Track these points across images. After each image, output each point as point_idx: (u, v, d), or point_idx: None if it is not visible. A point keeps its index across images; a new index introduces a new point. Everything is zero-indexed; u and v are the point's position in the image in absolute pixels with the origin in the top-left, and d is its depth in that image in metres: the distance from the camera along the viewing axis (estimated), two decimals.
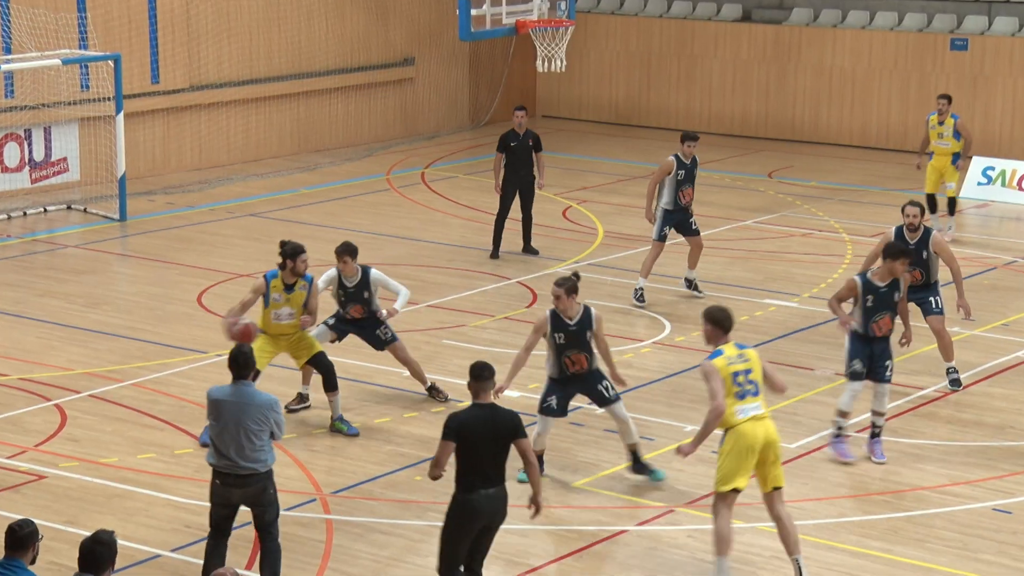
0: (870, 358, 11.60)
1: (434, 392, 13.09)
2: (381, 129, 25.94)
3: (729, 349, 9.45)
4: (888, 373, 11.58)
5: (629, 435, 11.32)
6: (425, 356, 13.83)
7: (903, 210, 13.02)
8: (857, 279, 11.62)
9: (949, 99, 18.81)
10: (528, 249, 17.98)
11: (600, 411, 11.66)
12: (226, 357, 9.20)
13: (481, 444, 8.67)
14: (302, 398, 12.80)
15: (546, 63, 21.98)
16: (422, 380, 13.07)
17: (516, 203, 17.81)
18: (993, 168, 21.62)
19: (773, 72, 26.34)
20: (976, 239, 19.87)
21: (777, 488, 9.47)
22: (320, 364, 12.24)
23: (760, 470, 9.41)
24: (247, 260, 17.72)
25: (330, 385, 12.30)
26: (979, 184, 21.70)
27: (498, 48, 27.56)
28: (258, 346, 11.87)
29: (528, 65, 26.50)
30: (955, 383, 13.27)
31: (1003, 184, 21.49)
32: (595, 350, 11.15)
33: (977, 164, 21.90)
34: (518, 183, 17.72)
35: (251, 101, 23.85)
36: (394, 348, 12.89)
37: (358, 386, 13.34)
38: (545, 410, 11.25)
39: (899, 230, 12.95)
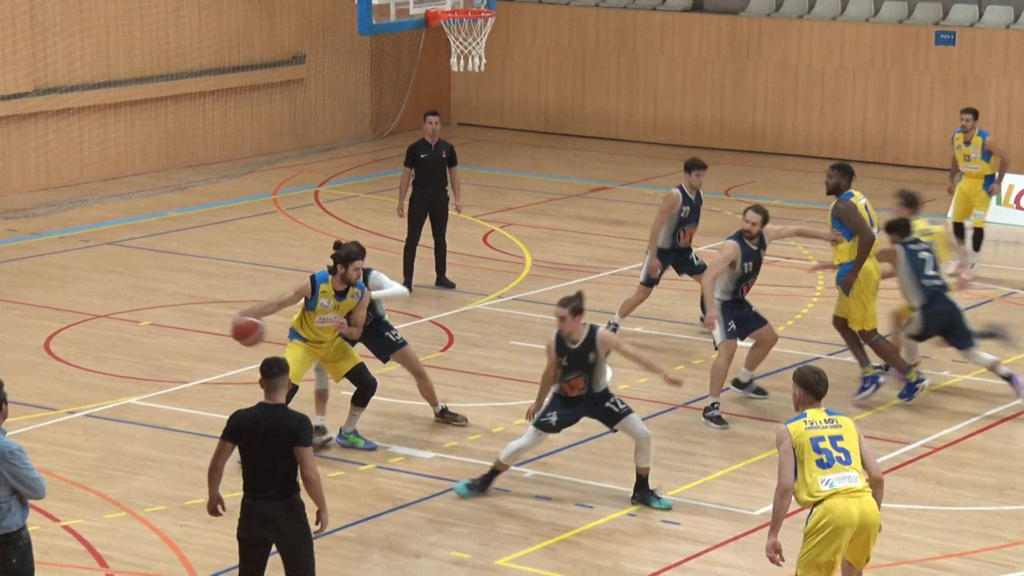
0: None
1: (447, 416, 13.74)
2: (266, 140, 25.86)
3: (814, 414, 9.47)
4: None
5: (644, 456, 12.04)
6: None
7: (744, 214, 14.38)
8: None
9: (975, 113, 18.87)
10: (442, 282, 17.98)
11: (612, 432, 12.25)
12: (79, 415, 9.09)
13: (261, 448, 9.22)
14: (320, 431, 13.16)
15: (462, 61, 22.04)
16: (432, 401, 13.72)
17: (428, 228, 17.81)
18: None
19: (729, 71, 26.61)
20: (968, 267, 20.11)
21: (858, 569, 9.56)
22: (360, 377, 12.97)
23: (849, 551, 9.40)
24: (105, 297, 17.56)
25: (361, 401, 13.09)
26: None
27: (405, 44, 27.61)
28: (294, 356, 12.58)
29: (441, 64, 26.57)
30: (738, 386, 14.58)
31: (998, 202, 21.81)
32: (598, 372, 11.90)
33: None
34: (429, 203, 17.73)
35: (109, 107, 23.68)
36: (402, 354, 13.48)
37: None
38: (542, 424, 12.02)
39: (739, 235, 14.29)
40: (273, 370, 9.36)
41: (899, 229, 14.60)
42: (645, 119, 27.23)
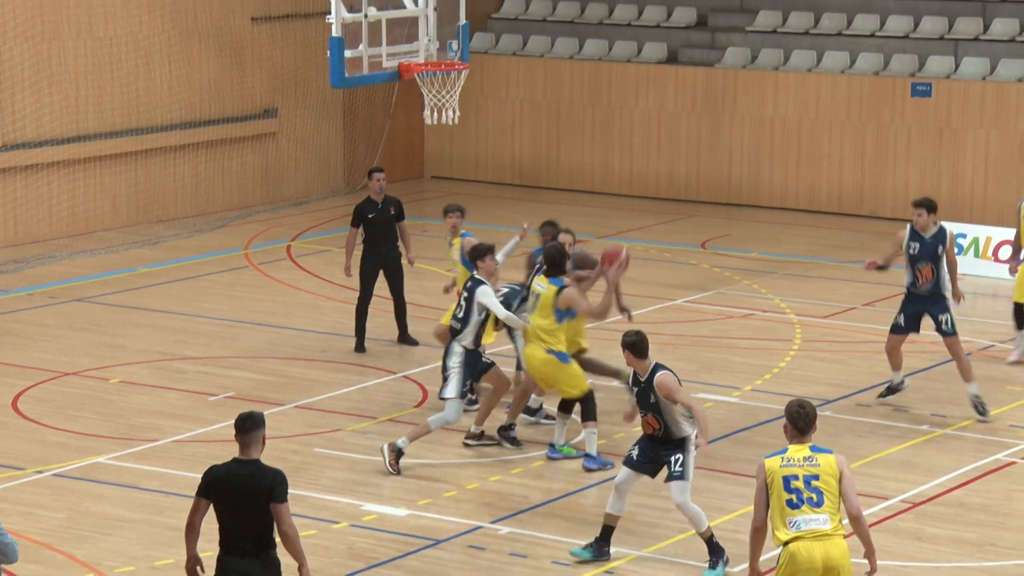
0: None
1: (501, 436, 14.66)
2: (238, 194, 25.90)
3: (796, 450, 9.41)
4: None
5: (694, 524, 12.11)
6: (293, 467, 13.76)
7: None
8: None
9: None
10: (405, 339, 17.99)
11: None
12: (47, 475, 9.07)
13: (236, 504, 9.23)
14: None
15: (436, 114, 22.11)
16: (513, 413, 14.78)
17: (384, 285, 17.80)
18: (964, 235, 22.09)
19: (705, 124, 26.78)
20: None
21: None
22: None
23: None
24: (74, 355, 17.52)
25: (567, 409, 14.31)
26: None
27: (378, 97, 27.72)
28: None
29: (414, 117, 26.66)
30: None
31: (976, 254, 21.96)
32: (668, 416, 12.07)
33: None
34: (383, 262, 17.78)
35: (78, 162, 23.70)
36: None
37: None
38: (626, 457, 12.30)
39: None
40: (247, 425, 9.38)
41: None
42: (620, 172, 27.36)
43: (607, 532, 12.15)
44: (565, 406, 14.47)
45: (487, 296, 14.05)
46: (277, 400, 15.94)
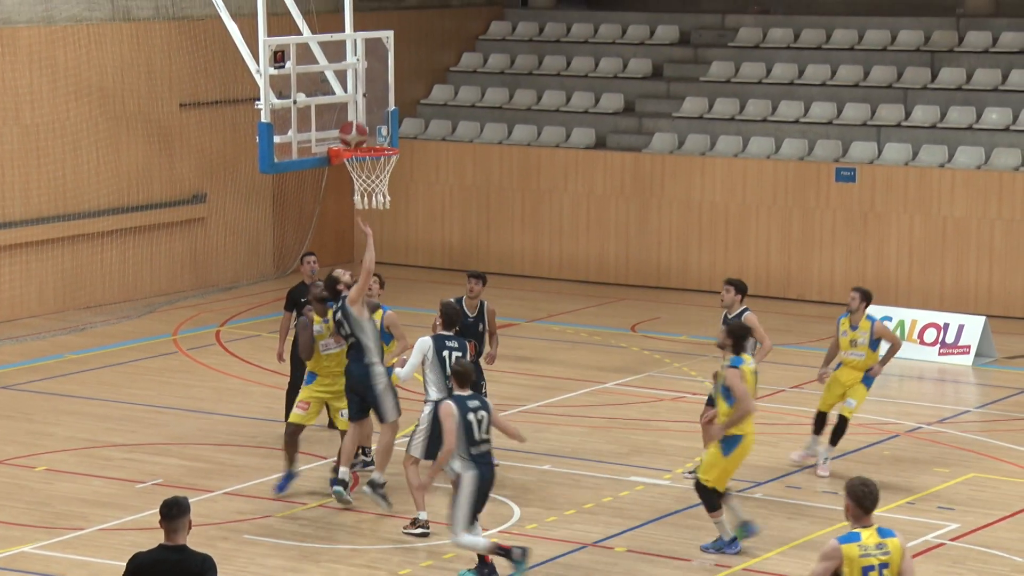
0: None
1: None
2: (166, 280, 25.79)
3: (868, 536, 9.27)
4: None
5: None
6: (222, 554, 13.62)
7: None
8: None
9: (865, 294, 16.80)
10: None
11: None
12: None
13: None
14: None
15: (366, 199, 22.17)
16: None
17: None
18: (890, 319, 22.32)
19: (633, 208, 26.98)
20: (874, 402, 20.39)
21: None
22: None
23: None
24: None
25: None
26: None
27: (307, 182, 27.76)
28: None
29: (344, 202, 26.71)
30: None
31: (902, 336, 22.18)
32: None
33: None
34: None
35: (4, 249, 23.54)
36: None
37: None
38: None
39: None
40: (172, 511, 9.32)
41: None
42: (550, 256, 27.49)
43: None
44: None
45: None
46: (206, 487, 15.81)
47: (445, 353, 14.70)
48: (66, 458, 16.83)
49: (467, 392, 13.23)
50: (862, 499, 9.33)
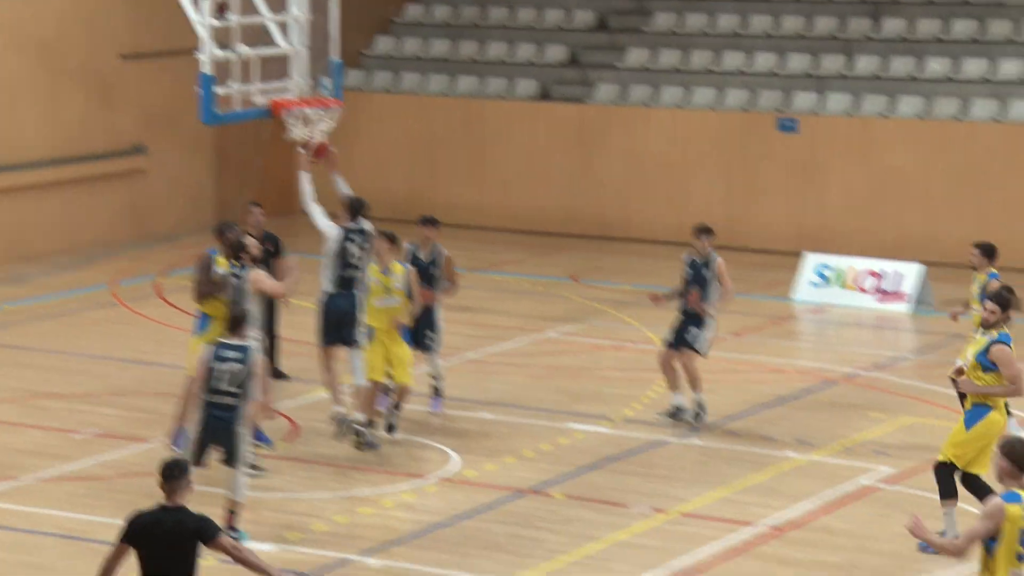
0: None
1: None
2: (106, 230, 25.61)
3: None
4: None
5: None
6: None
7: None
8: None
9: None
10: (276, 373, 17.84)
11: None
12: None
13: (161, 550, 9.11)
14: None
15: (309, 151, 22.07)
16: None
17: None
18: (829, 267, 22.44)
19: (577, 159, 26.96)
20: (811, 349, 20.53)
21: None
22: None
23: None
24: None
25: None
26: (814, 285, 22.49)
27: (250, 133, 27.59)
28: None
29: (287, 153, 26.56)
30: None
31: (841, 285, 22.30)
32: None
33: (810, 262, 22.72)
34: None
35: None
36: None
37: None
38: None
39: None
40: (173, 472, 9.28)
41: None
42: (494, 206, 27.44)
43: None
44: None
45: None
46: (145, 436, 15.75)
47: (348, 244, 14.82)
48: (3, 408, 16.73)
49: (236, 340, 13.00)
50: (1021, 459, 9.21)
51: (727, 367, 18.64)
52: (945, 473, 12.83)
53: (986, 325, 12.79)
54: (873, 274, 22.29)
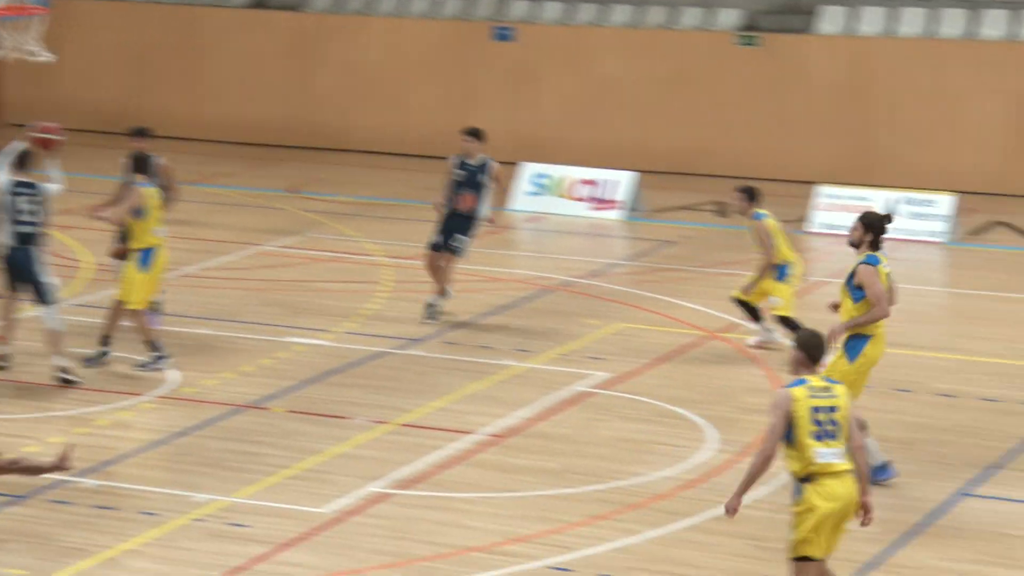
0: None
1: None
2: None
3: (815, 380, 9.32)
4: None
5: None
6: None
7: None
8: None
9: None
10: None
11: None
12: None
13: None
14: None
15: (16, 56, 21.38)
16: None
17: None
18: (546, 175, 22.75)
19: (293, 69, 26.66)
20: (528, 257, 20.82)
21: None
22: None
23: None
24: None
25: None
26: (530, 194, 22.78)
27: None
28: None
29: None
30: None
31: (556, 194, 22.64)
32: None
33: (526, 171, 22.99)
34: None
35: None
36: None
37: None
38: None
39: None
40: None
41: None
42: (209, 118, 27.00)
43: None
44: None
45: None
46: None
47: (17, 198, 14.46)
48: None
49: None
50: (812, 348, 9.44)
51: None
52: None
53: (852, 244, 12.36)
54: (587, 182, 22.68)
